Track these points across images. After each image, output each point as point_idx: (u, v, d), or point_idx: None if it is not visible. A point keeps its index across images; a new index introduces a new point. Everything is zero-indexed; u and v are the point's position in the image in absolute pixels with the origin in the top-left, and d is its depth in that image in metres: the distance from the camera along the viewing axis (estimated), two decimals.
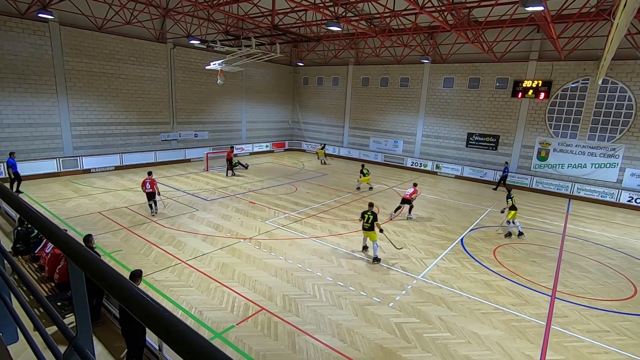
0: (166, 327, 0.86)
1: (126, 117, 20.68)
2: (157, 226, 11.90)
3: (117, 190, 16.02)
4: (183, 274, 8.81)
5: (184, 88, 23.42)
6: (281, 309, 7.52)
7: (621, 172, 18.65)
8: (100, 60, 19.12)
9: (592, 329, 7.48)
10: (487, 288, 8.93)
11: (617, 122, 18.46)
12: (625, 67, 17.82)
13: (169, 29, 21.37)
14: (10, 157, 14.53)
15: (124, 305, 0.97)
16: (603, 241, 13.05)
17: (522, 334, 7.14)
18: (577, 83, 19.30)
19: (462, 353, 6.46)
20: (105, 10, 17.96)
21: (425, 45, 22.70)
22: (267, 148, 30.08)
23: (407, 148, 26.12)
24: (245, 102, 27.92)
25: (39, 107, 17.26)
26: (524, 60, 20.57)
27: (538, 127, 20.81)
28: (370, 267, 9.71)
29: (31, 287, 1.67)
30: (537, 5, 9.79)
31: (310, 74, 31.00)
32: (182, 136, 23.72)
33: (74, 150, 18.75)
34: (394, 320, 7.33)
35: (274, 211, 14.17)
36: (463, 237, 12.53)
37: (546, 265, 10.56)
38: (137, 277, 5.70)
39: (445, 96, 23.90)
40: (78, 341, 1.27)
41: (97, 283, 1.08)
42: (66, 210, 12.99)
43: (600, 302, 8.60)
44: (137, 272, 5.75)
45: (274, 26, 16.22)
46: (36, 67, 16.89)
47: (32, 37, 16.59)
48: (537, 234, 13.38)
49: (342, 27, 15.37)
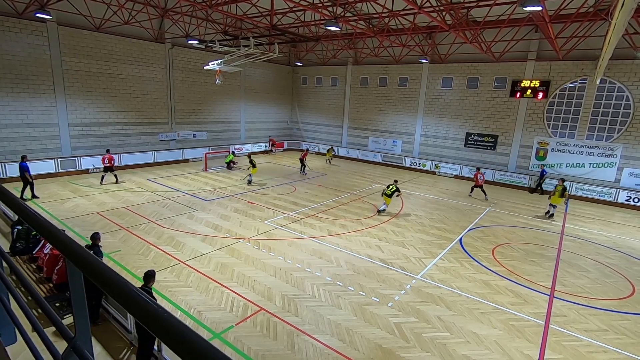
0: (165, 328, 0.86)
1: (124, 117, 20.65)
2: (156, 226, 11.88)
3: (115, 191, 15.99)
4: (182, 274, 8.80)
5: (183, 88, 23.39)
6: (280, 309, 7.51)
7: (619, 171, 18.70)
8: (99, 60, 19.08)
9: (591, 328, 7.50)
10: (486, 287, 8.94)
11: (615, 121, 18.52)
12: (623, 67, 17.88)
13: (168, 29, 21.35)
14: (23, 161, 13.84)
15: (122, 305, 0.97)
16: (601, 240, 13.08)
17: (520, 333, 7.16)
18: (575, 83, 19.35)
19: (461, 352, 6.47)
20: (103, 10, 17.93)
21: (424, 45, 22.73)
22: (265, 148, 30.07)
23: (405, 148, 26.14)
24: (244, 102, 27.91)
25: (37, 108, 17.21)
26: (522, 60, 20.61)
27: (536, 127, 20.85)
28: (369, 268, 9.71)
29: (29, 287, 1.67)
30: (536, 5, 9.81)
31: (309, 74, 31.00)
32: (180, 136, 23.69)
33: (72, 150, 18.71)
34: (393, 320, 7.33)
35: (273, 211, 14.17)
36: (462, 236, 12.55)
37: (545, 264, 10.58)
38: (150, 277, 5.88)
39: (443, 96, 23.94)
40: (77, 342, 1.27)
41: (96, 283, 1.08)
42: (64, 211, 12.96)
43: (599, 301, 8.63)
44: (151, 273, 5.92)
45: (273, 26, 16.22)
46: (34, 67, 16.85)
47: (30, 37, 16.54)
48: (535, 233, 13.41)
49: (340, 27, 15.37)
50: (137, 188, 16.73)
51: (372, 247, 11.05)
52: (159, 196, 15.49)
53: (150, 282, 5.88)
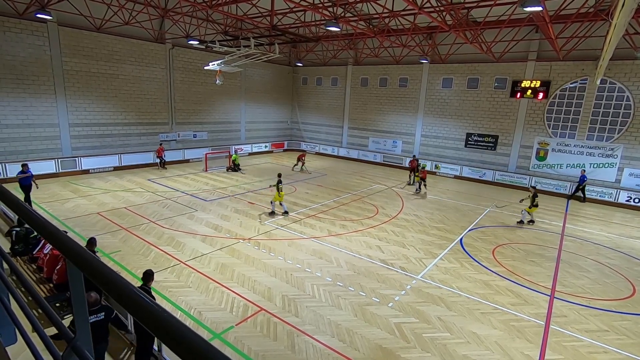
0: (165, 328, 0.86)
1: (125, 117, 20.66)
2: (156, 227, 11.88)
3: (115, 191, 15.99)
4: (182, 274, 8.80)
5: (183, 88, 23.40)
6: (280, 310, 7.51)
7: (619, 171, 18.69)
8: (99, 60, 19.09)
9: (591, 328, 7.50)
10: (486, 288, 8.94)
11: (616, 122, 18.51)
12: (624, 67, 17.87)
13: (168, 30, 21.36)
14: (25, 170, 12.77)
15: (122, 305, 0.97)
16: (601, 241, 13.07)
17: (521, 333, 7.15)
18: (576, 83, 19.34)
19: (461, 353, 6.46)
20: (103, 11, 17.95)
21: (424, 45, 22.73)
22: (266, 148, 30.07)
23: (406, 148, 26.14)
24: (244, 102, 27.91)
25: (38, 108, 17.22)
26: (522, 61, 20.60)
27: (537, 127, 20.84)
28: (370, 268, 9.70)
29: (30, 288, 1.67)
30: (536, 6, 9.81)
31: (309, 74, 31.00)
32: (181, 136, 23.70)
33: (72, 150, 18.72)
34: (393, 321, 7.33)
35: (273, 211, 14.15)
36: (462, 237, 12.54)
37: (545, 265, 10.57)
38: (149, 277, 5.92)
39: (444, 96, 23.93)
40: (77, 342, 1.27)
41: (96, 283, 1.07)
42: (65, 211, 12.97)
43: (599, 302, 8.62)
44: (149, 272, 5.97)
45: (273, 26, 16.23)
46: (35, 67, 16.86)
47: (31, 37, 16.56)
48: (535, 233, 13.40)
49: (341, 27, 15.37)
50: (137, 188, 16.74)
51: (373, 248, 11.05)
52: (159, 196, 15.50)
53: (149, 281, 5.90)
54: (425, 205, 16.36)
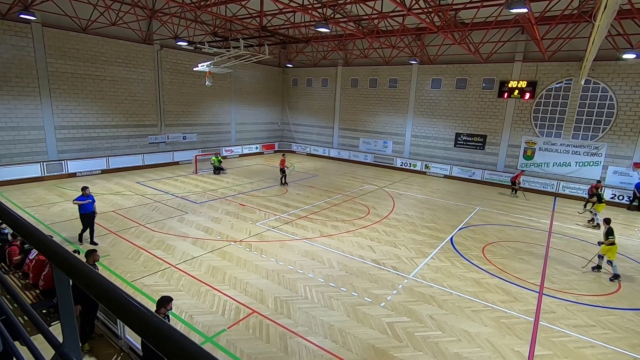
0: (155, 332, 0.85)
1: (112, 119, 20.35)
2: (146, 230, 11.72)
3: (103, 194, 15.73)
4: (173, 278, 8.70)
5: (172, 90, 23.17)
6: (273, 312, 7.48)
7: (604, 169, 19.13)
8: (85, 62, 18.78)
9: (579, 323, 7.64)
10: (477, 286, 9.04)
11: (600, 121, 18.94)
12: (607, 67, 18.30)
13: (156, 31, 21.12)
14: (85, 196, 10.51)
15: (110, 310, 0.95)
16: (588, 238, 13.34)
17: (511, 330, 7.25)
18: (561, 83, 19.74)
19: (453, 351, 6.52)
20: (89, 12, 17.65)
21: (413, 46, 22.93)
22: (256, 150, 29.94)
23: (396, 148, 26.31)
24: (235, 103, 27.76)
25: (22, 110, 16.85)
26: (509, 61, 20.94)
27: (524, 127, 21.20)
28: (362, 268, 9.73)
29: (15, 294, 1.63)
30: (521, 7, 9.99)
31: (300, 75, 31.00)
32: (170, 139, 23.44)
33: (58, 153, 18.35)
34: (385, 320, 7.36)
35: (265, 213, 14.11)
36: (452, 236, 12.67)
37: (533, 262, 10.74)
38: (166, 303, 5.40)
39: (433, 97, 24.17)
40: (64, 349, 1.24)
41: (83, 288, 1.05)
42: (51, 216, 12.70)
43: (586, 297, 8.79)
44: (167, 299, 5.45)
45: (263, 27, 16.19)
46: (18, 69, 16.49)
47: (14, 38, 16.19)
48: (524, 231, 13.61)
49: (330, 28, 15.43)
50: (125, 191, 16.49)
51: (364, 248, 11.08)
52: (148, 199, 15.30)
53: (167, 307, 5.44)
54: (416, 205, 16.48)
